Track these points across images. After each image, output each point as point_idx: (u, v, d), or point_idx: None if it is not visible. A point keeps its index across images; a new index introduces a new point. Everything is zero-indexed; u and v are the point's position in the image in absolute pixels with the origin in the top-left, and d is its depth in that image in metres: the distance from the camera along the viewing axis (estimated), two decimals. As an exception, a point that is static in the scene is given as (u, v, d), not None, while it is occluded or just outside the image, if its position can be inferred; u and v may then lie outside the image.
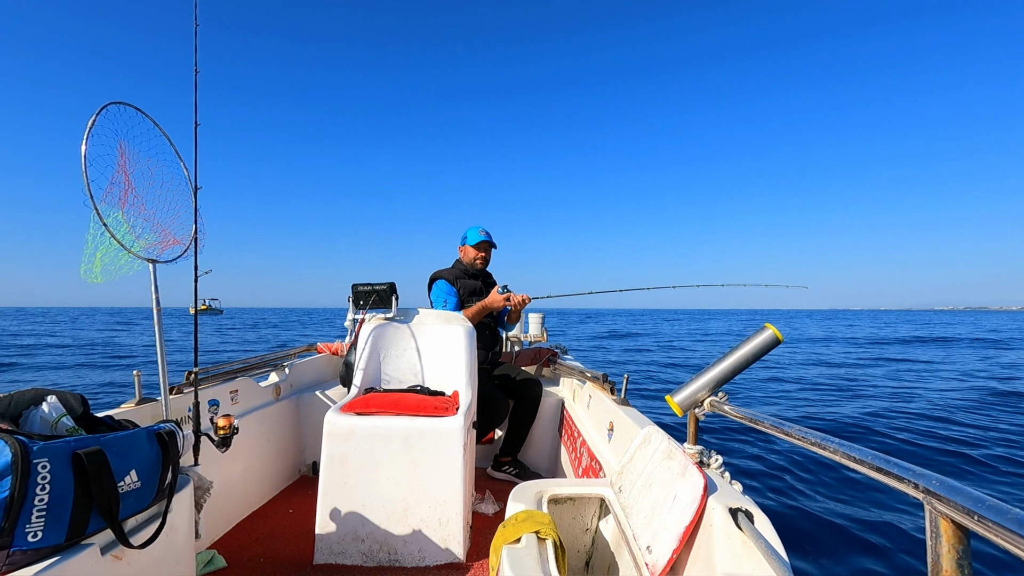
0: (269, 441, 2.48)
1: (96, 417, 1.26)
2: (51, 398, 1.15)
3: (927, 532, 0.61)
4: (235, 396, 2.29)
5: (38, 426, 1.09)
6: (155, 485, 1.16)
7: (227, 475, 2.08)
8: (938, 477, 0.61)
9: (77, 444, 0.97)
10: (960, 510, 0.56)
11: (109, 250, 1.54)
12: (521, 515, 1.16)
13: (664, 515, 1.12)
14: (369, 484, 1.83)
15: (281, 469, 2.59)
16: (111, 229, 1.50)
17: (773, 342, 1.23)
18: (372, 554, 1.81)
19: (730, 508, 1.02)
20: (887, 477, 0.69)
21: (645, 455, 1.37)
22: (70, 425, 1.13)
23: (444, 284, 2.79)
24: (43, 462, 0.90)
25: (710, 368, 1.28)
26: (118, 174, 1.55)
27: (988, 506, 0.53)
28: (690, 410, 1.29)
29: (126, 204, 1.58)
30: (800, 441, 0.90)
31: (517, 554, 1.03)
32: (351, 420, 1.87)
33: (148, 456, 1.14)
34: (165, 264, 1.66)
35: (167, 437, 1.21)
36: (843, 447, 0.79)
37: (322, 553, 1.81)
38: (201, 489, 1.45)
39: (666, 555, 1.04)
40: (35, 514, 0.89)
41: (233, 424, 1.63)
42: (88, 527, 0.98)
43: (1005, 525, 0.50)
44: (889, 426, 5.85)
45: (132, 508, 1.09)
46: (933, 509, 0.60)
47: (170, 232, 1.70)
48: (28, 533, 0.88)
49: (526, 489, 1.39)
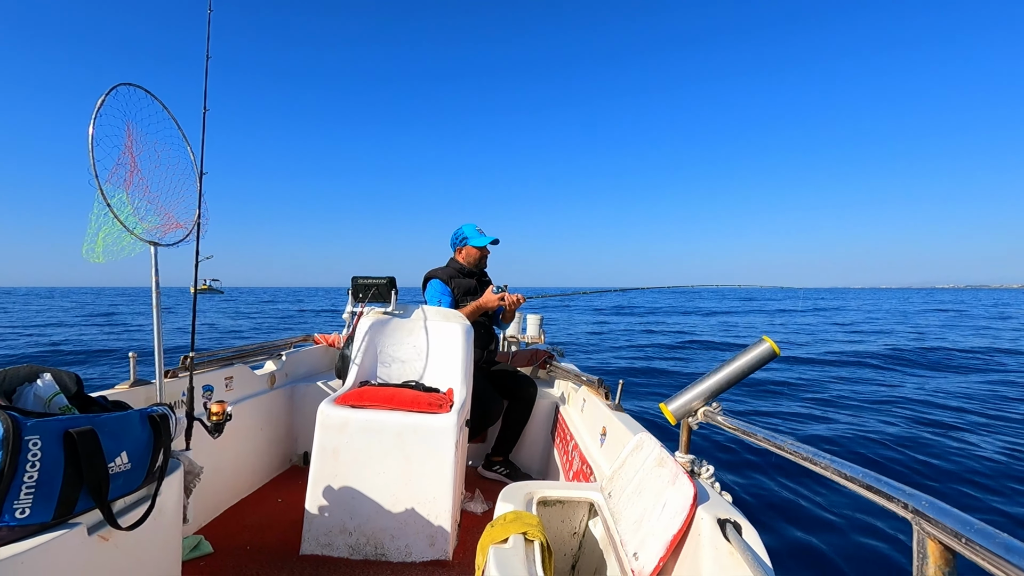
0: (262, 429, 2.48)
1: (90, 397, 1.26)
2: (46, 375, 1.15)
3: (914, 552, 0.61)
4: (230, 383, 2.29)
5: (31, 403, 1.09)
6: (145, 467, 1.16)
7: (218, 461, 2.07)
8: (927, 498, 0.61)
9: (69, 423, 0.97)
10: (948, 532, 0.56)
11: (112, 231, 1.54)
12: (510, 515, 1.16)
13: (653, 522, 1.12)
14: (360, 477, 1.83)
15: (272, 458, 2.59)
16: (115, 210, 1.50)
17: (770, 355, 1.23)
18: (359, 547, 1.81)
19: (719, 519, 1.02)
20: (876, 495, 0.69)
21: (637, 461, 1.37)
22: (63, 404, 1.13)
23: (439, 284, 2.79)
24: (34, 439, 0.90)
25: (705, 378, 1.28)
26: (124, 155, 1.55)
27: (976, 529, 0.53)
28: (683, 419, 1.29)
29: (131, 186, 1.58)
30: (792, 456, 0.90)
31: (504, 554, 1.03)
32: (345, 412, 1.87)
33: (140, 438, 1.14)
34: (167, 248, 1.66)
35: (160, 420, 1.21)
36: (834, 463, 0.79)
37: (309, 544, 1.81)
38: (191, 474, 1.45)
39: (653, 562, 1.04)
40: (24, 491, 0.89)
41: (226, 410, 1.63)
42: (76, 506, 0.98)
43: (992, 549, 0.50)
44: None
45: (121, 489, 1.09)
46: (921, 530, 0.60)
47: (173, 216, 1.71)
48: (16, 509, 0.88)
49: (516, 490, 1.39)
